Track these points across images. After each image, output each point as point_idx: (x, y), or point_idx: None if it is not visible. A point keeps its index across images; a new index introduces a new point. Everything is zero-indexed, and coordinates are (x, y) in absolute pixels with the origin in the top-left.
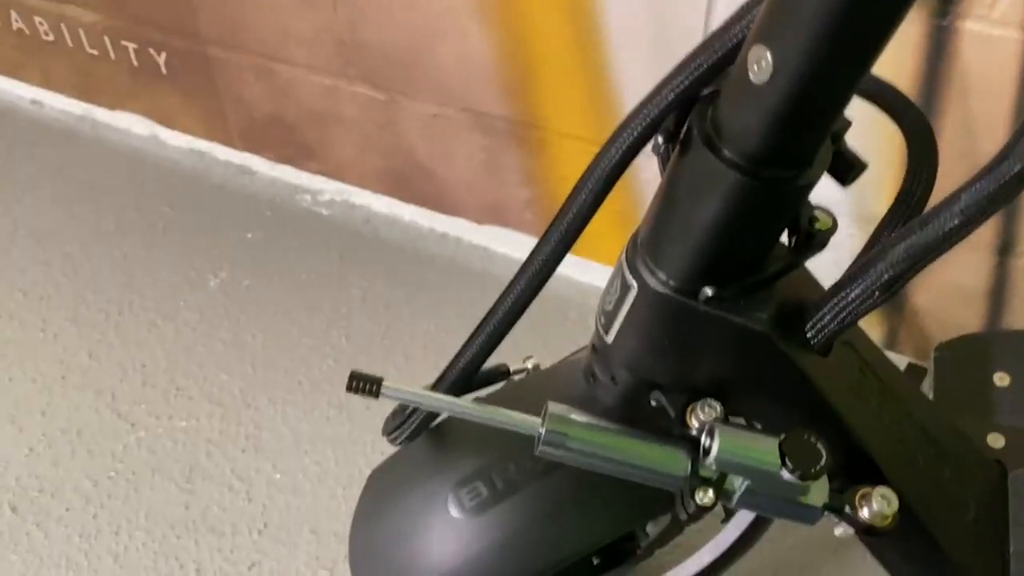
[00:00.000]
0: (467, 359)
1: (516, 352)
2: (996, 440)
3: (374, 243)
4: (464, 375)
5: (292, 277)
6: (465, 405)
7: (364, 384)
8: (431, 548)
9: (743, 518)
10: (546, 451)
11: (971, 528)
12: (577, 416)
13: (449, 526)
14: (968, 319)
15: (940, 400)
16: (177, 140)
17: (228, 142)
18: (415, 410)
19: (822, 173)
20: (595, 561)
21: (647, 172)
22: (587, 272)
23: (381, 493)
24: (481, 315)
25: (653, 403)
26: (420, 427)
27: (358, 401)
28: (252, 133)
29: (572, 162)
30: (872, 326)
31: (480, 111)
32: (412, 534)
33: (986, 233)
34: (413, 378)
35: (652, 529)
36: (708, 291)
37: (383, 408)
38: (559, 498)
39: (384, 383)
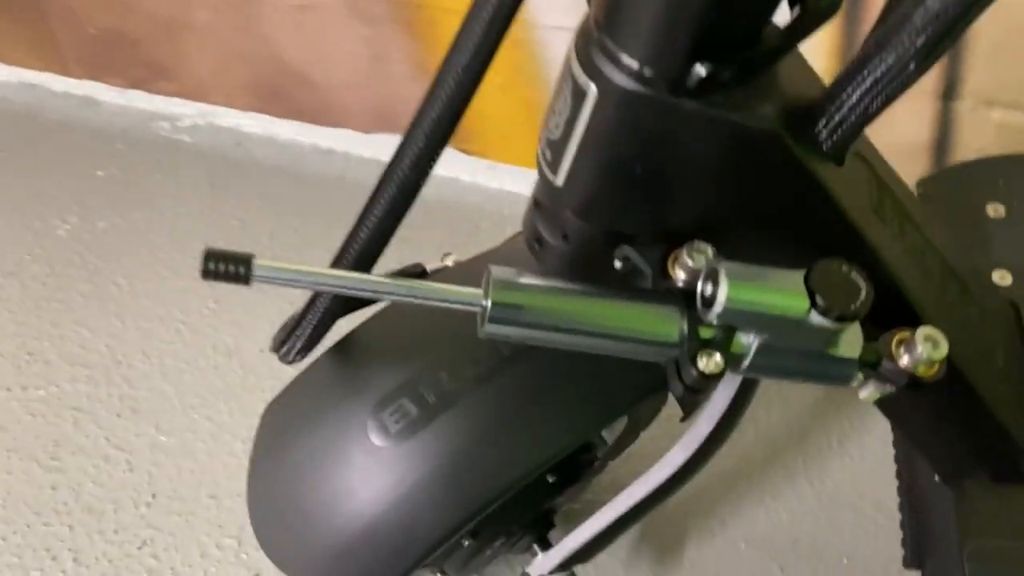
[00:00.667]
0: (365, 236)
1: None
2: (1003, 277)
3: (249, 167)
4: (364, 257)
5: (157, 214)
6: (372, 280)
7: (227, 266)
8: (353, 487)
9: (714, 407)
10: (494, 331)
11: (1004, 376)
12: (531, 279)
13: (373, 457)
14: (917, 172)
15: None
16: (1, 74)
17: (63, 70)
18: (307, 312)
19: None
20: (551, 479)
21: (552, 51)
22: (497, 176)
23: (281, 429)
24: None
25: (619, 264)
26: (317, 331)
27: (250, 344)
28: (90, 56)
29: None
30: None
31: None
32: (327, 473)
33: (927, 79)
34: None
35: (609, 437)
36: (702, 69)
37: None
38: (506, 406)
39: (256, 261)
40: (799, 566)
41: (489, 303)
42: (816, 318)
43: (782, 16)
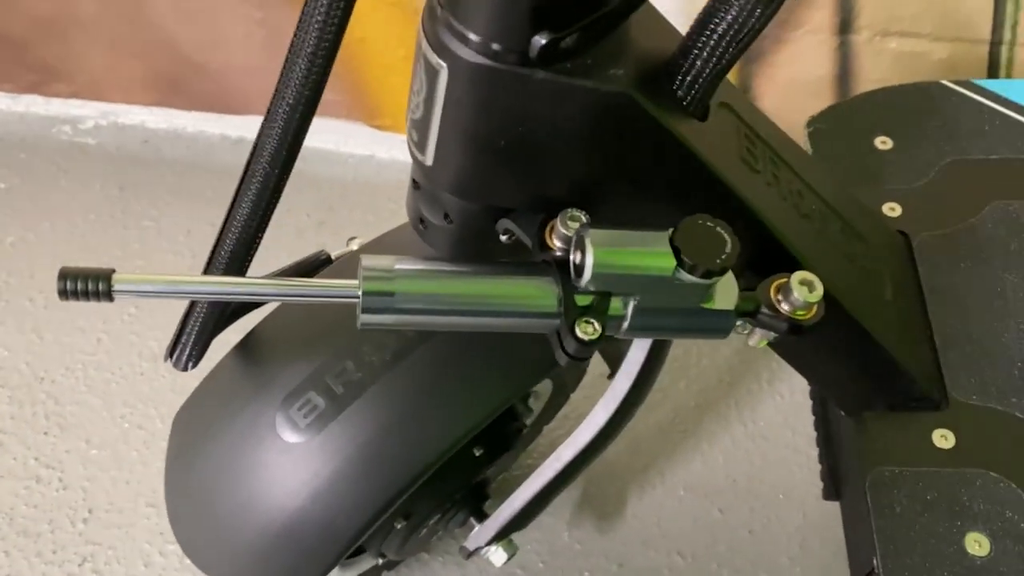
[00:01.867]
0: (233, 238)
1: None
2: (892, 209)
3: (158, 165)
4: (235, 259)
5: (66, 223)
6: (243, 282)
7: (86, 284)
8: (268, 485)
9: (633, 360)
10: (371, 321)
11: (892, 307)
12: (404, 264)
13: (284, 454)
14: (822, 106)
15: None
16: None
17: None
18: (187, 318)
19: None
20: (477, 452)
21: None
22: (395, 147)
23: (192, 436)
24: (299, 221)
25: (504, 237)
26: (203, 336)
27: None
28: None
29: (369, 18)
30: None
31: None
32: (240, 475)
33: (822, 13)
34: None
35: (535, 403)
36: (541, 39)
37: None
38: (414, 389)
39: (116, 276)
40: (737, 505)
41: (361, 293)
42: (684, 275)
43: None
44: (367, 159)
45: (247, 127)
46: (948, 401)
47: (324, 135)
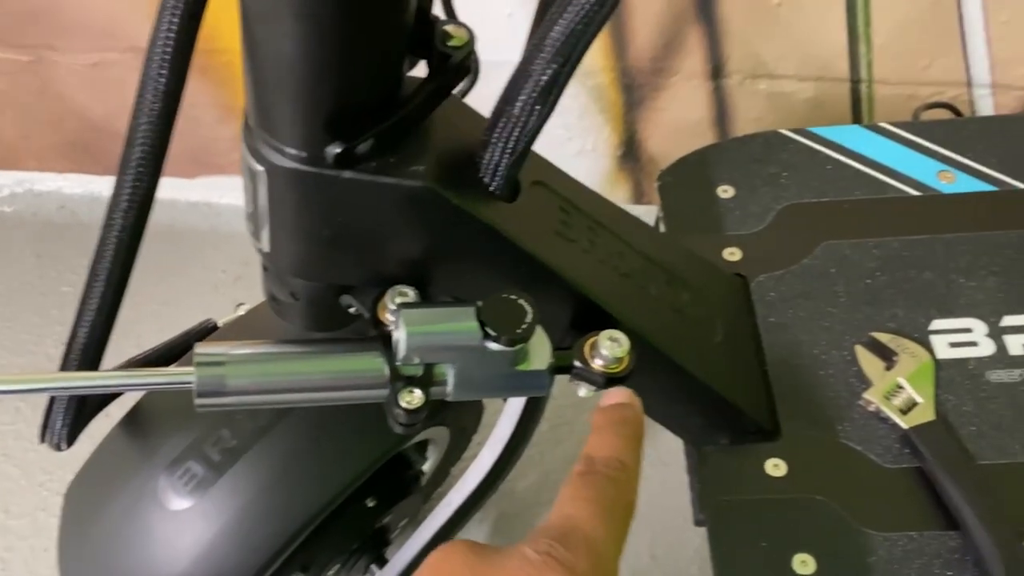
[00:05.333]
0: (84, 326)
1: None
2: (733, 254)
3: (75, 230)
4: (91, 344)
5: None
6: (85, 377)
7: None
8: (154, 553)
9: (511, 407)
10: (207, 404)
11: (720, 347)
12: (240, 349)
13: (168, 521)
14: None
15: (672, 226)
16: None
17: None
18: (51, 403)
19: None
20: (370, 503)
21: None
22: None
23: (82, 510)
24: (215, 277)
25: (352, 309)
26: (70, 418)
27: None
28: None
29: None
30: (614, 184)
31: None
32: (127, 545)
33: (693, 60)
34: None
35: (433, 450)
36: (335, 149)
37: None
38: (291, 448)
39: None
40: (640, 531)
41: (195, 380)
42: (492, 344)
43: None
44: None
45: (163, 188)
46: (780, 432)
47: (237, 192)
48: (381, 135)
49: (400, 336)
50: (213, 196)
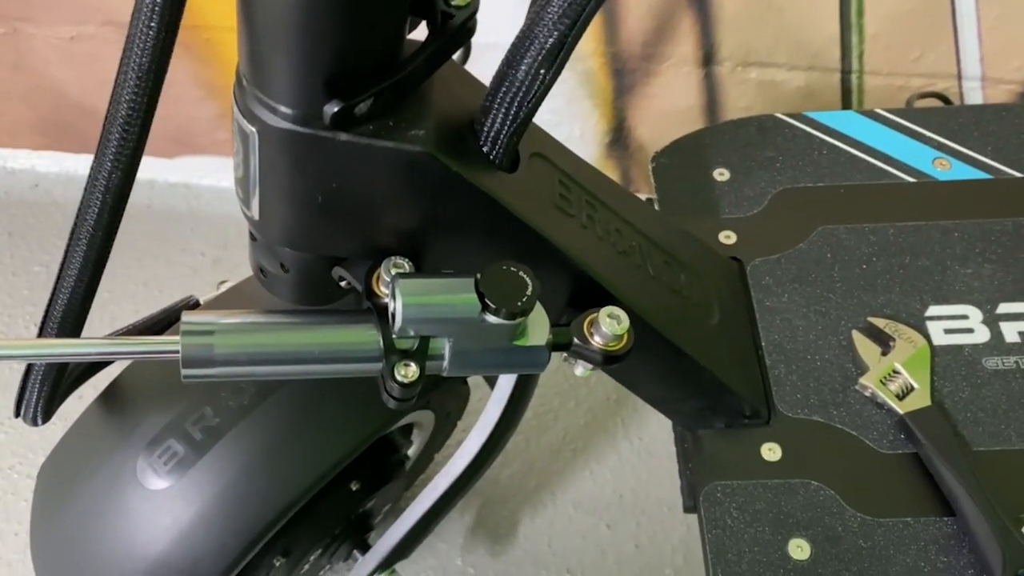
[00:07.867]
0: (64, 298)
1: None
2: (728, 237)
3: (49, 209)
4: (69, 313)
5: None
6: (68, 343)
7: None
8: (132, 534)
9: (503, 387)
10: (194, 375)
11: (717, 330)
12: (227, 319)
13: (146, 501)
14: None
15: (666, 208)
16: None
17: None
18: (26, 376)
19: None
20: (354, 487)
21: None
22: None
23: (56, 490)
24: (194, 260)
25: (343, 282)
26: (46, 391)
27: None
28: None
29: None
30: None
31: (125, 21)
32: (104, 525)
33: (684, 46)
34: None
35: (418, 434)
36: (333, 107)
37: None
38: (275, 429)
39: None
40: (624, 520)
41: (181, 349)
42: (490, 318)
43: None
44: None
45: (142, 168)
46: (776, 415)
47: (217, 173)
48: (380, 96)
49: (396, 307)
50: (193, 177)
